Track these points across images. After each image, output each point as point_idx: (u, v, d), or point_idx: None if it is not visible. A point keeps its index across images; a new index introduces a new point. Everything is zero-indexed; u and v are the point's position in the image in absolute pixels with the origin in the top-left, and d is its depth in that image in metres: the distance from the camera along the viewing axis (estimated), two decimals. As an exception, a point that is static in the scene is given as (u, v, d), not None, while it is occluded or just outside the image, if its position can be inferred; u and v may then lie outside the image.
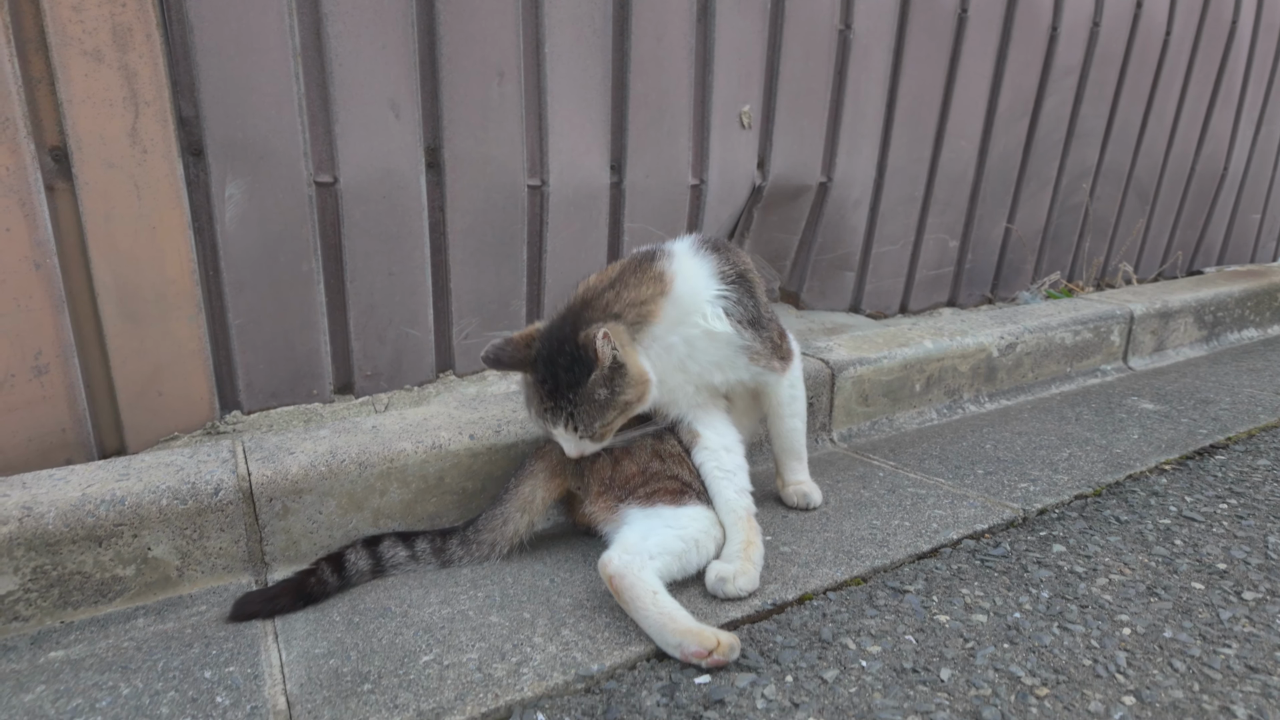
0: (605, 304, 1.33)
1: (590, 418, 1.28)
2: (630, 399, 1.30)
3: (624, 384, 1.27)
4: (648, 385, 1.32)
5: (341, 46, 1.67)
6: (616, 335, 1.27)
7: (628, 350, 1.29)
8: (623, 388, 1.27)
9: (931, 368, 2.14)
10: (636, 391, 1.30)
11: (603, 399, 1.27)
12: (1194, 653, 1.14)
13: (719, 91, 2.22)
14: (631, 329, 1.32)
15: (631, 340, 1.32)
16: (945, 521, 1.53)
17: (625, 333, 1.31)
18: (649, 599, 1.16)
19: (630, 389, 1.29)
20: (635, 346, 1.32)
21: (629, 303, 1.33)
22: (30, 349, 1.49)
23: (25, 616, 1.20)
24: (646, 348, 1.34)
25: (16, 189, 1.42)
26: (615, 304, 1.33)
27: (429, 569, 1.39)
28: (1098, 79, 3.10)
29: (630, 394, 1.29)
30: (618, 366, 1.26)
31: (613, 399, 1.27)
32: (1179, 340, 2.84)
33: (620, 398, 1.28)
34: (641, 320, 1.33)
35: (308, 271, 1.75)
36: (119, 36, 1.45)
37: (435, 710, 1.03)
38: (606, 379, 1.26)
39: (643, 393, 1.31)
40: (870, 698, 1.05)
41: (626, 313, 1.32)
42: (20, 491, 1.22)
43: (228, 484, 1.30)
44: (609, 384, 1.26)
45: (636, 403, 1.32)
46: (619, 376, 1.27)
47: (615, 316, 1.31)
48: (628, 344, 1.30)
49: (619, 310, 1.32)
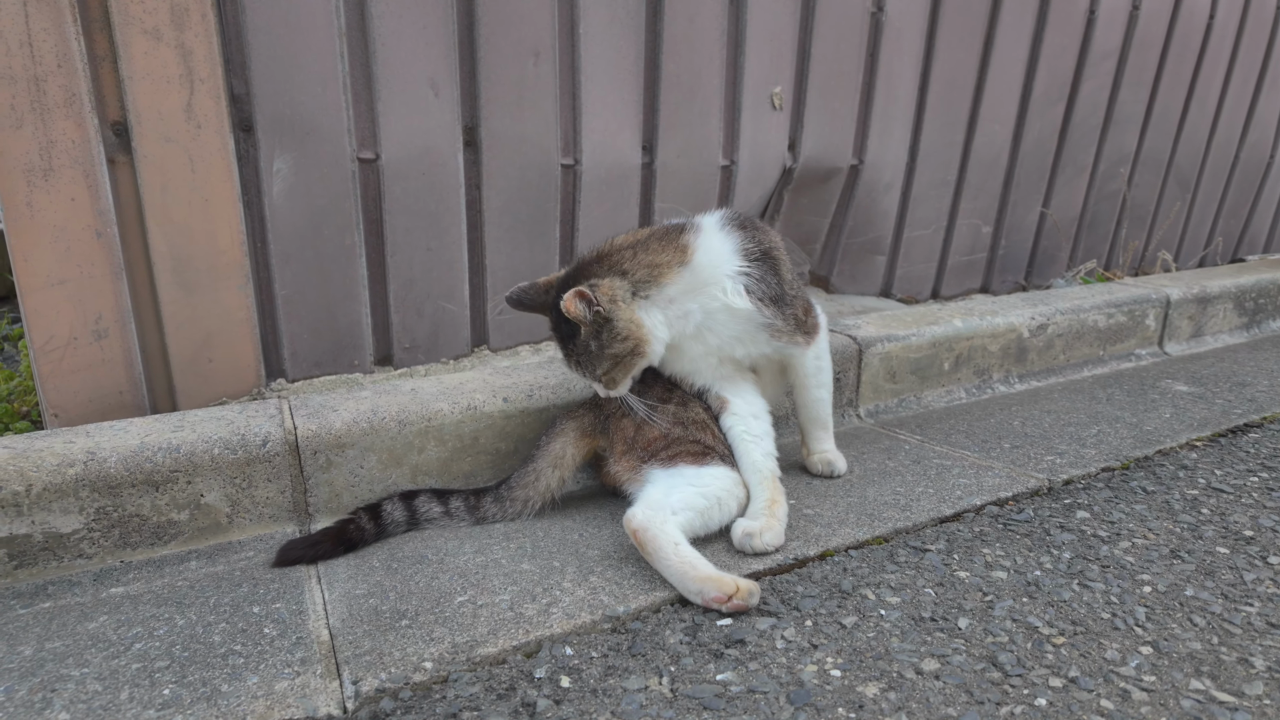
0: (616, 261, 1.38)
1: (590, 364, 1.36)
2: (621, 351, 1.35)
3: (611, 337, 1.33)
4: (643, 340, 1.36)
5: (384, 26, 1.74)
6: (609, 291, 1.33)
7: (618, 305, 1.33)
8: (610, 341, 1.34)
9: (961, 346, 2.15)
10: (627, 345, 1.35)
11: (595, 349, 1.35)
12: (1215, 609, 1.15)
13: (750, 72, 2.25)
14: (638, 285, 1.37)
15: (634, 296, 1.36)
16: (969, 489, 1.55)
17: (624, 288, 1.35)
18: (670, 549, 1.20)
19: (619, 342, 1.34)
20: (638, 301, 1.36)
21: (643, 263, 1.38)
22: (91, 314, 1.58)
23: (89, 554, 1.28)
24: (660, 307, 1.38)
25: (81, 161, 1.51)
26: (627, 262, 1.37)
27: (463, 525, 1.44)
28: (1137, 63, 3.06)
29: (619, 346, 1.34)
30: (604, 321, 1.32)
31: (603, 350, 1.34)
32: (1217, 326, 2.80)
33: (609, 350, 1.34)
34: (651, 279, 1.37)
35: (350, 245, 1.83)
36: (176, 16, 1.53)
37: (469, 643, 1.08)
38: (594, 332, 1.33)
39: (636, 346, 1.35)
40: (888, 642, 1.08)
41: (635, 270, 1.37)
42: (85, 439, 1.30)
43: (275, 437, 1.37)
44: (597, 336, 1.34)
45: (632, 355, 1.36)
46: (605, 330, 1.33)
47: (622, 274, 1.36)
48: (621, 299, 1.34)
49: (628, 268, 1.37)
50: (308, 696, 0.98)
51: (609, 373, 1.37)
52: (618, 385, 1.40)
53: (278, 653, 1.07)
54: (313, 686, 1.00)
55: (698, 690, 0.99)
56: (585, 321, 1.32)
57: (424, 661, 1.04)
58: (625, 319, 1.34)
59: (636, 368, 1.40)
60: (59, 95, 1.46)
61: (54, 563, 1.26)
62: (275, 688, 1.00)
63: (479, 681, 1.02)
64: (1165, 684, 0.99)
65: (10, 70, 1.42)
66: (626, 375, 1.39)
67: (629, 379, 1.41)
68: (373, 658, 1.05)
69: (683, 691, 0.99)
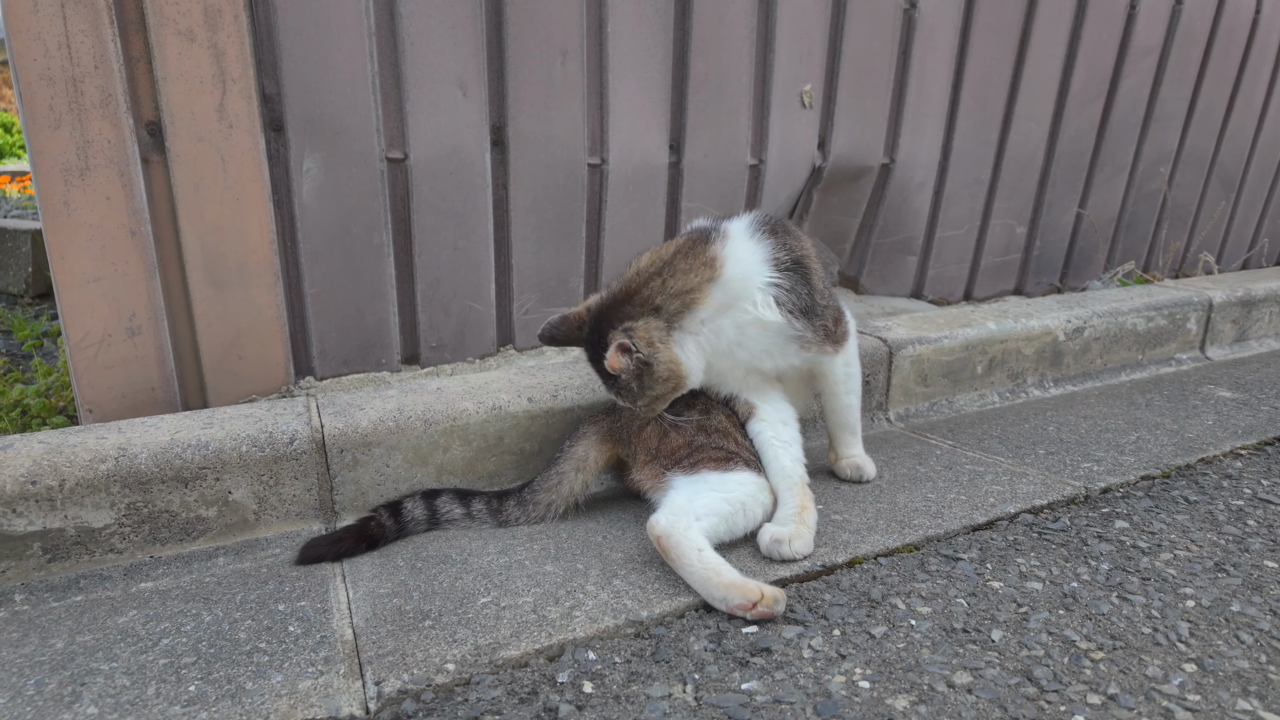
0: (648, 296, 1.35)
1: (632, 398, 1.38)
2: (661, 392, 1.36)
3: (652, 380, 1.34)
4: (681, 378, 1.37)
5: (413, 26, 1.74)
6: (646, 333, 1.32)
7: (656, 348, 1.33)
8: (651, 383, 1.34)
9: (994, 350, 2.10)
10: (667, 385, 1.36)
11: (636, 389, 1.36)
12: (1263, 626, 1.10)
13: (780, 71, 2.23)
14: (672, 318, 1.35)
15: (669, 331, 1.35)
16: (1003, 496, 1.51)
17: (660, 327, 1.34)
18: (694, 555, 1.18)
19: (659, 384, 1.35)
20: (673, 335, 1.35)
21: (673, 292, 1.35)
22: (125, 311, 1.60)
23: (120, 549, 1.29)
24: (694, 333, 1.36)
25: (116, 160, 1.53)
26: (658, 294, 1.34)
27: (484, 528, 1.44)
28: (1179, 59, 2.98)
29: (660, 388, 1.36)
30: (644, 365, 1.32)
31: (644, 390, 1.36)
32: (1263, 330, 2.71)
33: (650, 391, 1.36)
34: (685, 309, 1.35)
35: (379, 244, 1.83)
36: (210, 17, 1.55)
37: (492, 645, 1.07)
38: (635, 375, 1.34)
39: (676, 385, 1.37)
40: (918, 653, 1.05)
41: (669, 304, 1.34)
42: (116, 435, 1.32)
43: (302, 435, 1.37)
44: (638, 379, 1.34)
45: (671, 392, 1.38)
46: (646, 374, 1.34)
47: (655, 310, 1.34)
48: (659, 341, 1.33)
49: (660, 302, 1.34)
50: (331, 696, 0.98)
51: (650, 405, 1.39)
52: (656, 412, 1.41)
53: (302, 651, 1.07)
54: (336, 686, 1.00)
55: (722, 699, 0.97)
56: (628, 371, 1.33)
57: (446, 663, 1.04)
58: (665, 361, 1.33)
59: (676, 395, 1.41)
60: (96, 96, 1.48)
61: (85, 557, 1.28)
62: (299, 687, 1.00)
63: (501, 684, 1.01)
64: (1210, 703, 0.95)
65: (49, 71, 1.44)
66: (665, 404, 1.41)
67: (666, 404, 1.42)
68: (396, 658, 1.05)
69: (707, 700, 0.97)
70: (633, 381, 1.35)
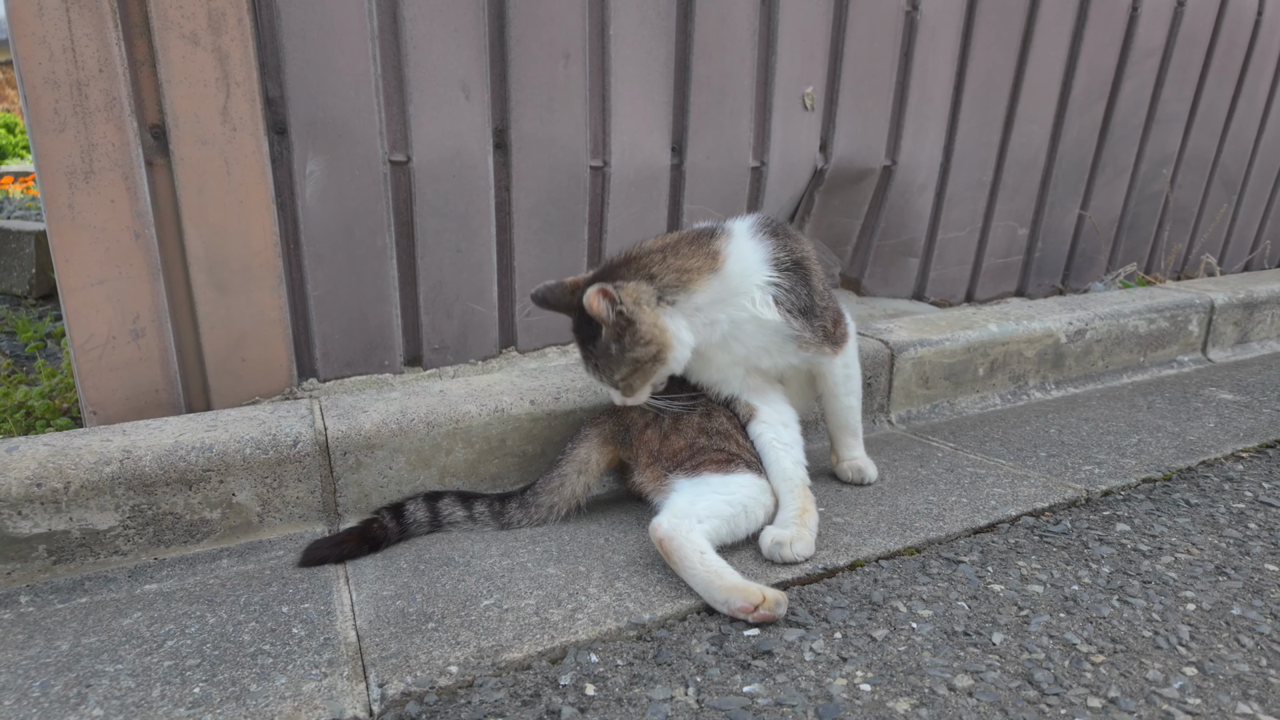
0: (645, 264, 1.35)
1: (610, 368, 1.34)
2: (642, 356, 1.31)
3: (633, 341, 1.30)
4: (665, 345, 1.32)
5: (416, 30, 1.75)
6: (634, 294, 1.30)
7: (643, 308, 1.31)
8: (632, 344, 1.30)
9: (996, 352, 2.11)
10: (649, 350, 1.31)
11: (615, 353, 1.32)
12: (1263, 630, 1.10)
13: (782, 73, 2.23)
14: (665, 290, 1.34)
15: (659, 301, 1.34)
16: (1004, 499, 1.51)
17: (650, 293, 1.33)
18: (696, 558, 1.19)
19: (641, 346, 1.31)
20: (663, 306, 1.34)
21: (672, 268, 1.35)
22: (129, 313, 1.60)
23: (124, 551, 1.30)
24: (687, 314, 1.36)
25: (121, 163, 1.53)
26: (656, 265, 1.35)
27: (487, 530, 1.44)
28: (1181, 61, 2.98)
29: (641, 351, 1.31)
30: (627, 323, 1.29)
31: (624, 354, 1.31)
32: (1265, 333, 2.71)
33: (630, 354, 1.31)
34: (680, 285, 1.34)
35: (381, 247, 1.84)
36: (214, 20, 1.55)
37: (494, 647, 1.08)
38: (615, 334, 1.30)
39: (658, 352, 1.32)
40: (919, 656, 1.06)
41: (663, 275, 1.34)
42: (121, 437, 1.33)
43: (305, 437, 1.38)
44: (619, 339, 1.31)
45: (653, 361, 1.33)
46: (628, 333, 1.30)
47: (649, 278, 1.34)
48: (646, 303, 1.32)
49: (656, 272, 1.34)
50: (334, 699, 0.99)
51: (628, 378, 1.34)
52: (635, 393, 1.37)
53: (305, 653, 1.08)
54: (339, 688, 1.01)
55: (724, 702, 0.97)
56: (607, 321, 1.29)
57: (449, 665, 1.04)
58: (649, 323, 1.31)
59: (657, 375, 1.37)
60: (100, 99, 1.49)
61: (90, 559, 1.28)
62: (303, 689, 1.01)
63: (504, 687, 1.01)
64: (1211, 707, 0.96)
65: (54, 75, 1.45)
66: (646, 383, 1.37)
67: (648, 387, 1.38)
68: (399, 660, 1.05)
69: (709, 703, 0.98)
70: (611, 343, 1.31)
